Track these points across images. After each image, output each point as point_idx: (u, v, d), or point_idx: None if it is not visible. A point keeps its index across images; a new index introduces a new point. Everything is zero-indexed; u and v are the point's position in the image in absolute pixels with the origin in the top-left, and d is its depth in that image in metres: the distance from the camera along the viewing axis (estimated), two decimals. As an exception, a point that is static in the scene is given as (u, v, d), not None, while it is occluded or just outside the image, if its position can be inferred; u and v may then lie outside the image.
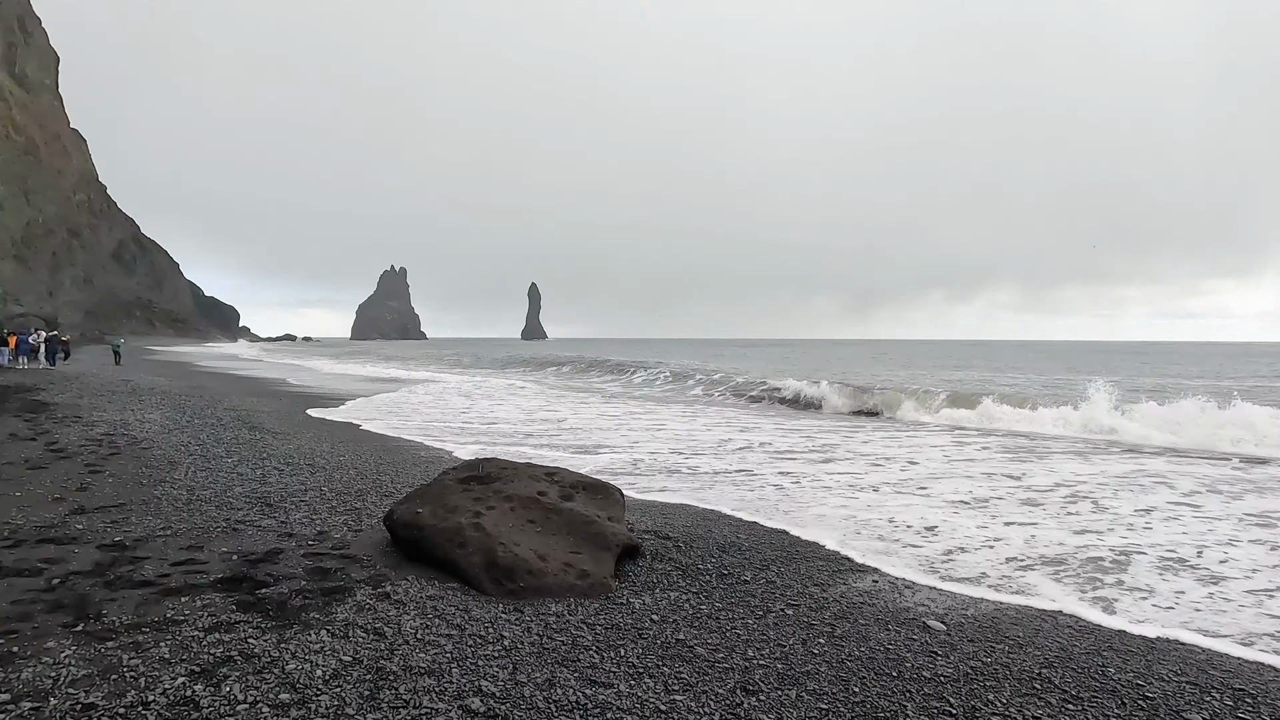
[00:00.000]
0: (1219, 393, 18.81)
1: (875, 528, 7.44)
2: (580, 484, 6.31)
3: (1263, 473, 11.09)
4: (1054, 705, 3.58)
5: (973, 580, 5.82)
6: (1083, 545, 6.87)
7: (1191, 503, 8.93)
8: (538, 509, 5.67)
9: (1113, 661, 4.18)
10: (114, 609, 4.08)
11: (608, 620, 4.46)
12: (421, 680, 3.43)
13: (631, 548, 5.61)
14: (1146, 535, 7.29)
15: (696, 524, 7.14)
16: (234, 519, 6.36)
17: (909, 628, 4.63)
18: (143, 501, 6.84)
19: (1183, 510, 8.49)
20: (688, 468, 11.04)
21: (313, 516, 6.62)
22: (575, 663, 3.78)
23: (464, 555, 4.99)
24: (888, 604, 5.10)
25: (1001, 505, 8.69)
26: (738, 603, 4.93)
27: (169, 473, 8.32)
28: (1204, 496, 9.31)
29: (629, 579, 5.31)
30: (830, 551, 6.42)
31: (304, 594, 4.49)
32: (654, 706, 3.33)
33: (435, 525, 5.23)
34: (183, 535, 5.74)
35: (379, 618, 4.19)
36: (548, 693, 3.40)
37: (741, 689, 3.58)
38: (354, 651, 3.70)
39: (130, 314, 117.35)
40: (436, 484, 5.96)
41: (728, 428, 16.71)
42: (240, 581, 4.66)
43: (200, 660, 3.47)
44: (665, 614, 4.61)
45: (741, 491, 9.24)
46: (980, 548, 6.77)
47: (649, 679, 3.63)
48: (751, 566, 5.80)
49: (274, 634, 3.85)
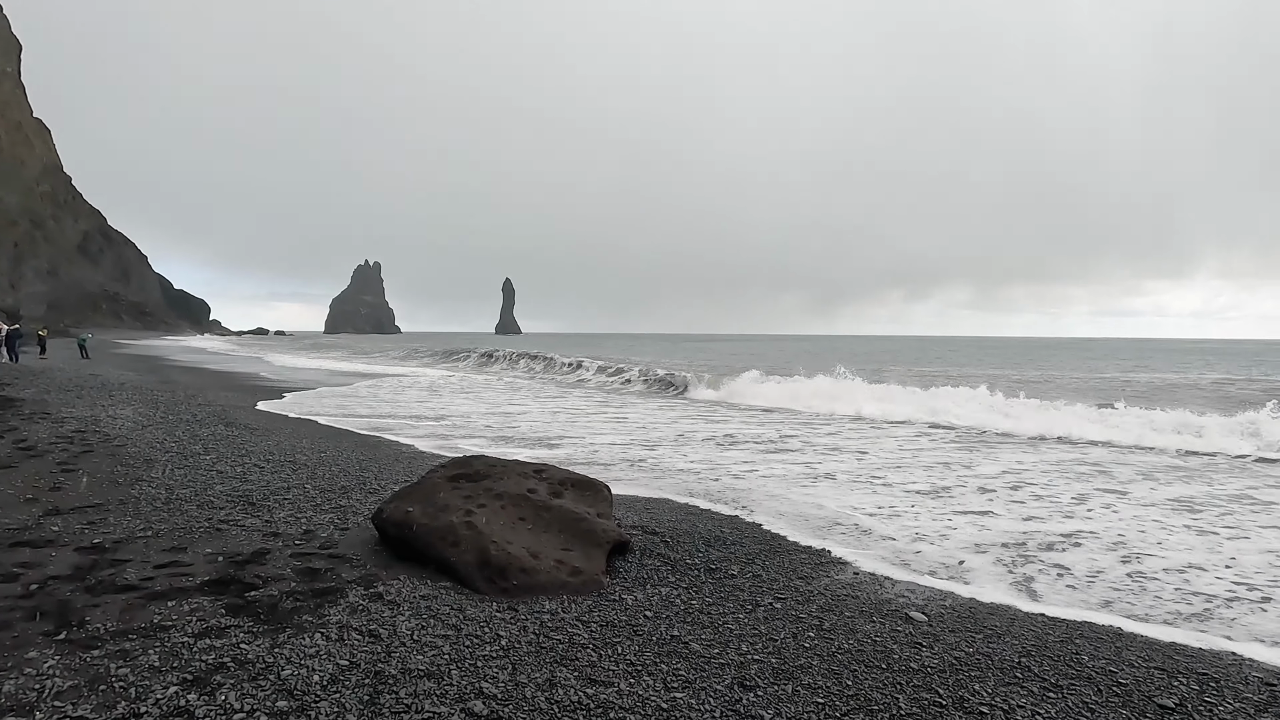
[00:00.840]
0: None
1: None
2: (568, 481, 6.30)
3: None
4: (1035, 693, 3.67)
5: (937, 572, 5.93)
6: (1032, 531, 7.05)
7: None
8: (528, 507, 5.65)
9: (1085, 649, 4.29)
10: (97, 615, 3.99)
11: (602, 617, 4.47)
12: (421, 683, 3.41)
13: (621, 544, 5.62)
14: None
15: (680, 519, 7.17)
16: (216, 519, 6.25)
17: (893, 619, 4.71)
18: (120, 501, 6.69)
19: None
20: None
21: (298, 515, 6.52)
22: (574, 661, 3.78)
23: (457, 554, 4.96)
24: (870, 596, 5.18)
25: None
26: (727, 597, 4.97)
27: (146, 471, 8.14)
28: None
29: (620, 575, 5.33)
30: (809, 545, 6.49)
31: (295, 596, 4.43)
32: (655, 705, 3.35)
33: (427, 524, 5.19)
34: (164, 536, 5.63)
35: (373, 619, 4.15)
36: (549, 693, 3.40)
37: (739, 684, 3.61)
38: (350, 655, 3.66)
39: (96, 307, 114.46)
40: (426, 482, 5.91)
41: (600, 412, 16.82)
42: (228, 584, 4.58)
43: (192, 668, 3.41)
44: (658, 610, 4.63)
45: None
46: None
47: (648, 676, 3.65)
48: (737, 561, 5.84)
49: (266, 638, 3.79)
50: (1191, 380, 32.49)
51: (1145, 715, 3.49)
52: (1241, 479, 10.17)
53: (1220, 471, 10.78)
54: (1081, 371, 39.85)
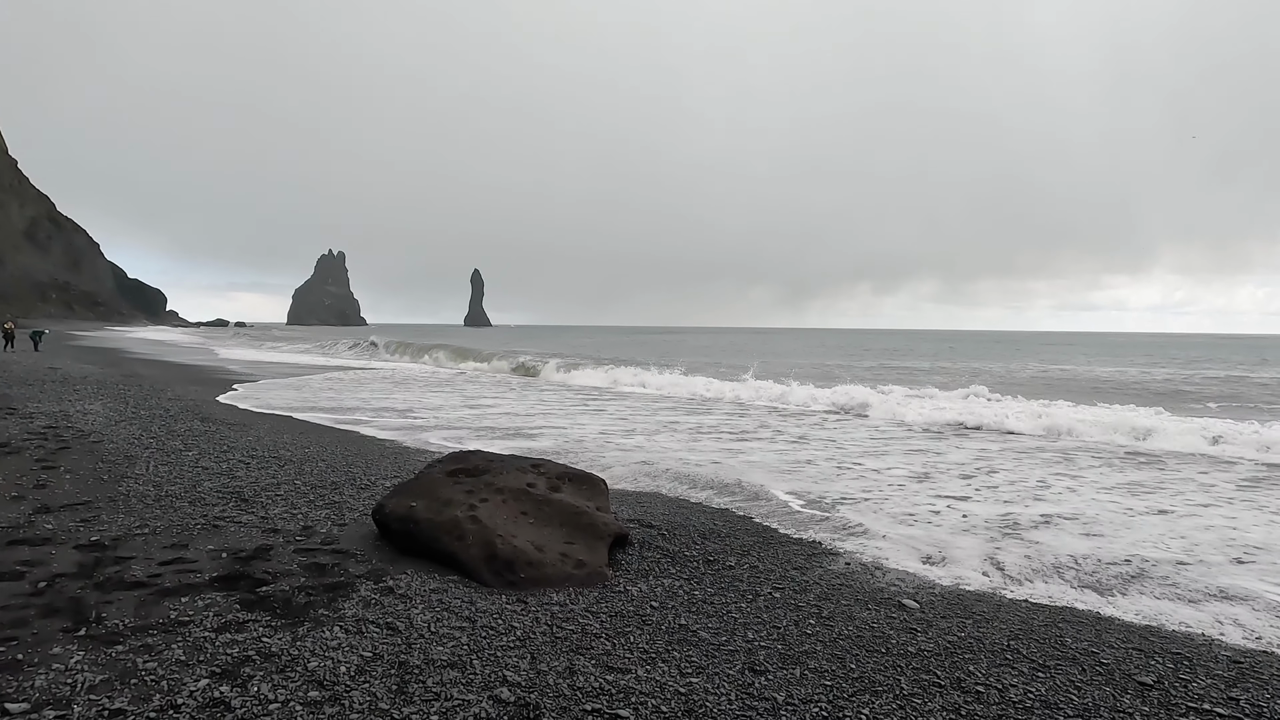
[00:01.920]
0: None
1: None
2: (566, 475, 6.42)
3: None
4: (1026, 673, 3.93)
5: (930, 559, 6.22)
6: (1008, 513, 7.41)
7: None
8: (529, 501, 5.76)
9: (1068, 632, 4.58)
10: (113, 612, 4.01)
11: (610, 608, 4.62)
12: (446, 673, 3.52)
13: (621, 537, 5.77)
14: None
15: (674, 512, 7.35)
16: (211, 515, 6.23)
17: (887, 607, 4.95)
18: (109, 499, 6.62)
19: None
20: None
21: (293, 511, 6.54)
22: (589, 650, 3.93)
23: (463, 548, 5.05)
24: (863, 585, 5.42)
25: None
26: (728, 588, 5.16)
27: (129, 468, 8.04)
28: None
29: (622, 567, 5.48)
30: (801, 537, 6.73)
31: (306, 591, 4.49)
32: (673, 689, 3.52)
33: (431, 519, 5.27)
34: (163, 534, 5.61)
35: (388, 612, 4.24)
36: (570, 680, 3.54)
37: (749, 669, 3.80)
38: (372, 647, 3.75)
39: (45, 296, 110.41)
40: (425, 477, 5.98)
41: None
42: (237, 580, 4.62)
43: (218, 661, 3.47)
44: (663, 600, 4.80)
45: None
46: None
47: (662, 663, 3.81)
48: (734, 552, 6.04)
49: (286, 632, 3.86)
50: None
51: (1126, 692, 3.76)
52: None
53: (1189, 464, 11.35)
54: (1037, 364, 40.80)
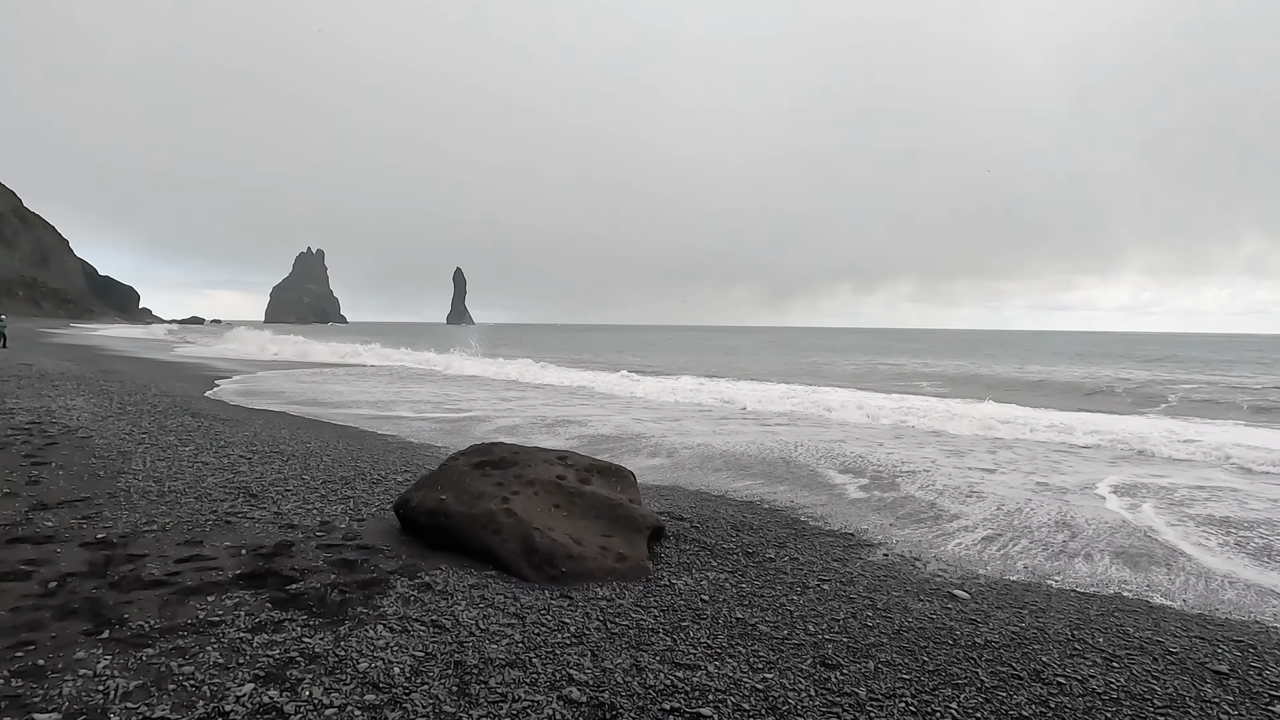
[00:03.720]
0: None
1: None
2: (594, 467, 6.20)
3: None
4: (1100, 664, 3.80)
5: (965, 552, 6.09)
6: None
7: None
8: (560, 493, 5.54)
9: (1126, 622, 4.47)
10: (135, 613, 3.72)
11: (659, 602, 4.41)
12: (507, 672, 3.30)
13: (658, 529, 5.57)
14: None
15: (701, 504, 7.16)
16: (221, 511, 5.92)
17: (939, 598, 4.80)
18: (109, 495, 6.27)
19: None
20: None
21: (306, 507, 6.24)
22: (650, 646, 3.72)
23: (499, 542, 4.82)
24: (907, 576, 5.27)
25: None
26: (774, 580, 4.98)
27: (125, 463, 7.66)
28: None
29: (662, 560, 5.28)
30: (835, 529, 6.58)
31: (339, 588, 4.23)
32: (749, 685, 3.32)
33: (464, 512, 5.02)
34: (173, 530, 5.30)
35: (430, 610, 3.99)
36: (639, 678, 3.33)
37: (821, 664, 3.62)
38: (422, 646, 3.51)
39: (12, 293, 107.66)
40: (450, 470, 5.72)
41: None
42: (264, 577, 4.34)
43: (260, 664, 3.21)
44: (713, 594, 4.60)
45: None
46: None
47: (730, 659, 3.62)
48: (771, 545, 5.87)
49: (327, 632, 3.61)
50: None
51: (1204, 681, 3.65)
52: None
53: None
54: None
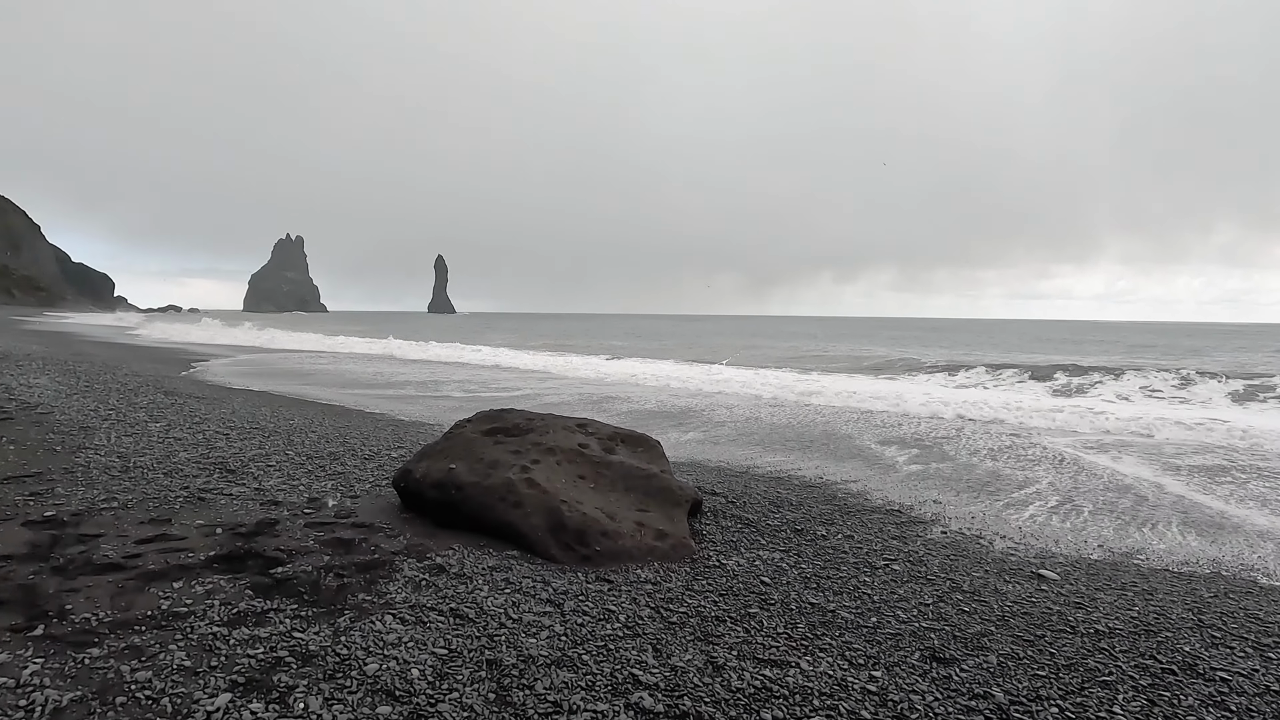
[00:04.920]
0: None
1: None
2: (618, 435, 5.51)
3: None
4: (1254, 655, 3.20)
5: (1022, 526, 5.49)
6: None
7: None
8: (585, 463, 4.84)
9: (1248, 605, 3.89)
10: (80, 603, 2.99)
11: (714, 585, 3.75)
12: (555, 673, 2.61)
13: (697, 503, 4.90)
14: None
15: (729, 479, 6.51)
16: (194, 487, 5.16)
17: (1023, 578, 4.19)
18: (65, 470, 5.49)
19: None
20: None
21: (292, 483, 5.50)
22: (720, 639, 3.05)
23: (520, 516, 4.12)
24: (979, 555, 4.66)
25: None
26: (836, 560, 4.33)
27: (86, 439, 6.85)
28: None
29: (704, 538, 4.61)
30: (881, 504, 5.96)
31: (335, 572, 3.51)
32: (858, 686, 2.67)
33: (479, 483, 4.32)
34: (136, 508, 4.54)
35: (447, 596, 3.30)
36: (720, 678, 2.67)
37: (932, 658, 2.97)
38: (444, 641, 2.82)
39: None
40: (459, 437, 5.01)
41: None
42: (243, 559, 3.61)
43: (240, 666, 2.50)
44: (774, 576, 3.95)
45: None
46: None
47: (821, 653, 2.96)
48: (818, 521, 5.23)
49: (324, 624, 2.90)
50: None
51: (1384, 672, 3.05)
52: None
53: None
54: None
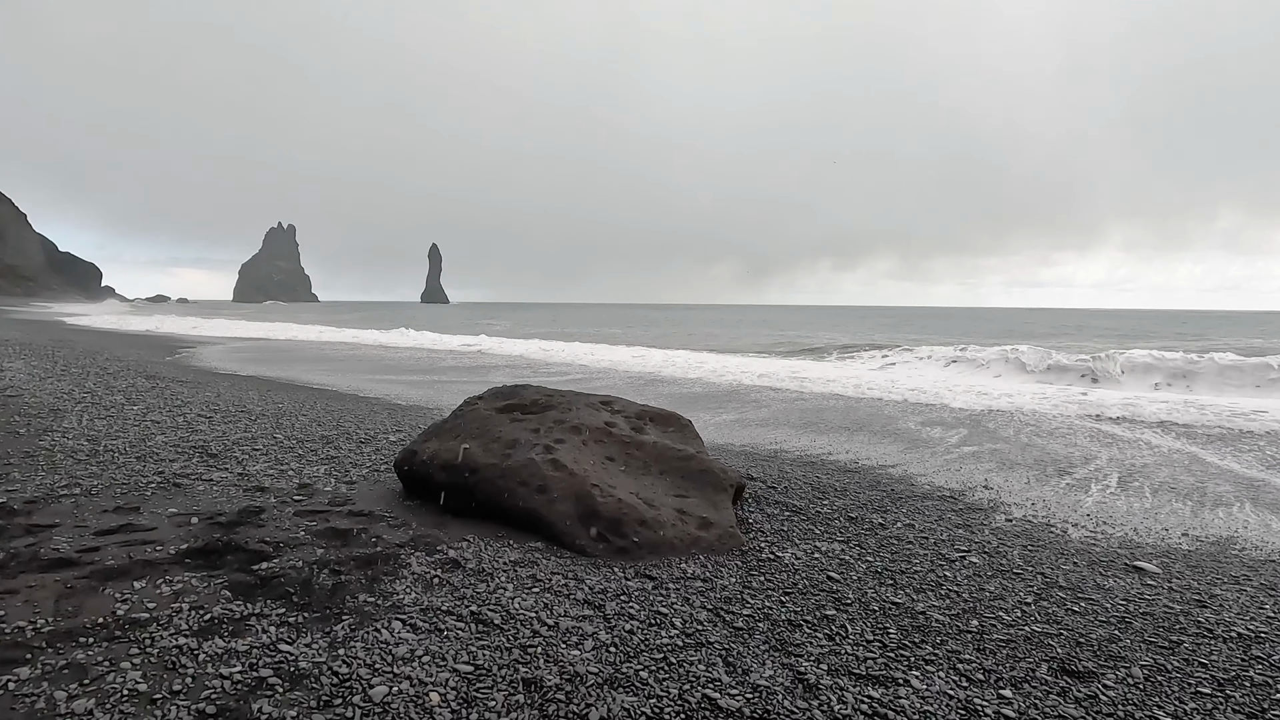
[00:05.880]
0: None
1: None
2: (645, 414, 4.95)
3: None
4: None
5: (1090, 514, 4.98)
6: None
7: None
8: (614, 443, 4.29)
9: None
10: (17, 608, 2.42)
11: (774, 582, 3.21)
12: (611, 696, 2.07)
13: (740, 488, 4.36)
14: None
15: (759, 462, 5.97)
16: (170, 472, 4.59)
17: (1119, 572, 3.67)
18: (26, 454, 4.90)
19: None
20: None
21: (280, 467, 4.93)
22: (802, 648, 2.51)
23: (547, 503, 3.56)
24: (1060, 544, 4.13)
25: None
26: (904, 553, 3.80)
27: (55, 421, 6.25)
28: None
29: (752, 527, 4.07)
30: (928, 488, 5.43)
31: (331, 568, 2.95)
32: (991, 711, 2.13)
33: (496, 465, 3.75)
34: (101, 494, 3.97)
35: (465, 597, 2.74)
36: (818, 700, 2.12)
37: (1064, 672, 2.44)
38: (467, 655, 2.26)
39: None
40: (471, 415, 4.44)
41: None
42: (220, 554, 3.04)
43: (210, 691, 1.95)
44: (841, 571, 3.41)
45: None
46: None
47: (929, 666, 2.42)
48: (870, 508, 4.69)
49: (316, 633, 2.34)
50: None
51: None
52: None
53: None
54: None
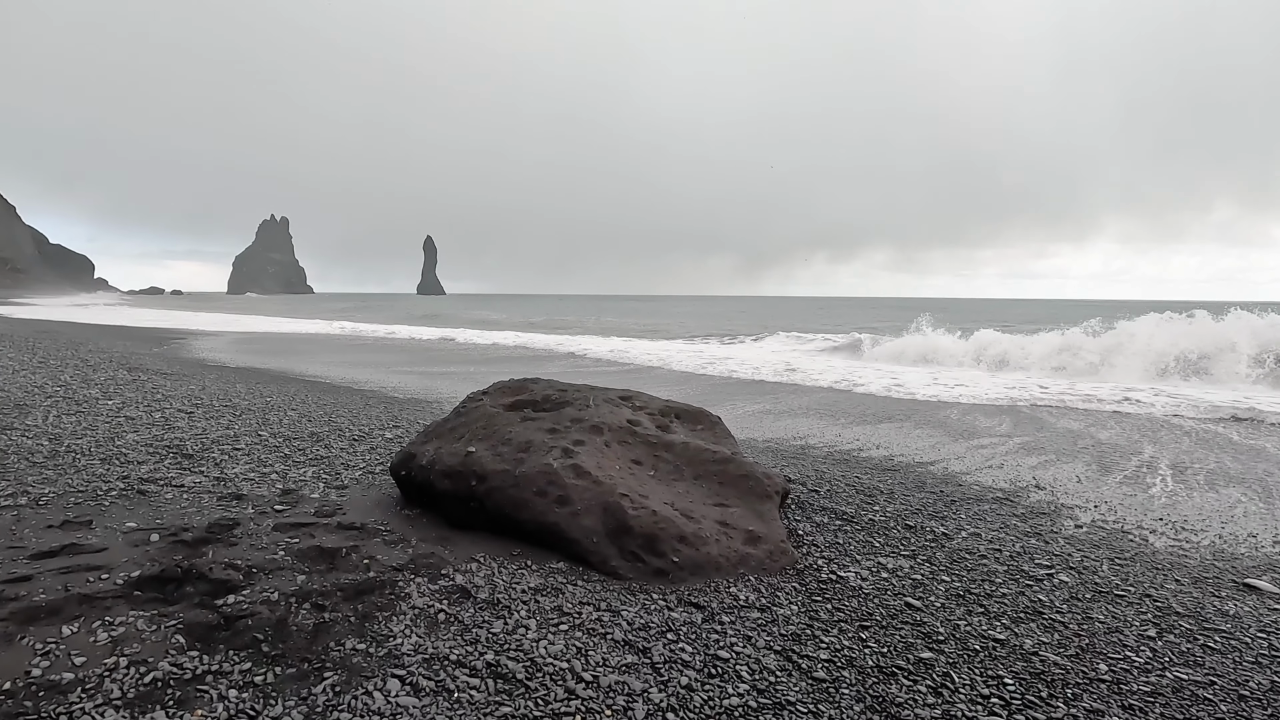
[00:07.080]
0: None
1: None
2: (670, 410, 4.43)
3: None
4: None
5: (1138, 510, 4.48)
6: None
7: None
8: (639, 444, 3.76)
9: None
10: (-92, 664, 1.89)
11: (844, 611, 2.69)
12: (685, 796, 1.55)
13: (784, 494, 3.83)
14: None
15: (794, 460, 5.45)
16: (135, 476, 4.05)
17: (1229, 590, 3.18)
18: (-27, 457, 4.36)
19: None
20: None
21: (263, 470, 4.39)
22: (904, 707, 1.99)
23: (569, 517, 3.03)
24: (1149, 557, 3.63)
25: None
26: (980, 569, 3.29)
27: (17, 418, 5.69)
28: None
29: (802, 539, 3.55)
30: (977, 487, 4.93)
31: (313, 601, 2.42)
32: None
33: (509, 471, 3.22)
34: (51, 504, 3.42)
35: (478, 641, 2.21)
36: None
37: (1240, 738, 1.94)
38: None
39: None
40: (476, 413, 3.90)
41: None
42: (179, 583, 2.51)
43: (137, 797, 1.42)
44: (922, 598, 2.89)
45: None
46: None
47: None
48: (926, 514, 4.19)
49: (291, 696, 1.82)
50: None
51: None
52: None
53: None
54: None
